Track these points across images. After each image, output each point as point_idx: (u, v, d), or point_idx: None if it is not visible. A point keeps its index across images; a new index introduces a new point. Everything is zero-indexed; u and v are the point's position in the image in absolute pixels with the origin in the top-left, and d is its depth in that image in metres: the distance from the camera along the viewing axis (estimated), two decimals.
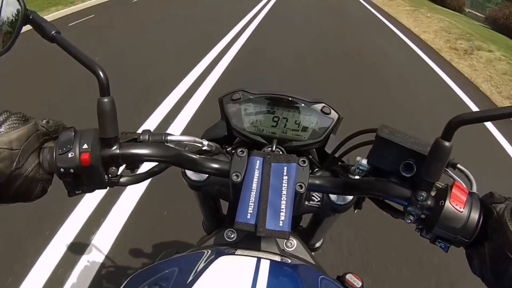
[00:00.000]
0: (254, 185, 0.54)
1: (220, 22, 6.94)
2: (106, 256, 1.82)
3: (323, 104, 0.67)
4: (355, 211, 0.71)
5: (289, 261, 0.59)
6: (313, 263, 0.65)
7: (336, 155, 0.65)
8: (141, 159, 0.54)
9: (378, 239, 2.13)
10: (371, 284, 1.83)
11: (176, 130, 2.99)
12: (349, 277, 0.81)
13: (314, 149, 0.73)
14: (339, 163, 0.65)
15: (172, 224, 2.04)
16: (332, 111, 0.67)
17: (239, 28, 6.66)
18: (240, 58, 5.08)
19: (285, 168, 0.55)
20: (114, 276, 1.73)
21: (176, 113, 3.32)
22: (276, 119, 0.67)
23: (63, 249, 1.85)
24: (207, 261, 0.52)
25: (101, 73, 0.49)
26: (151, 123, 3.10)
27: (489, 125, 4.05)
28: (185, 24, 6.54)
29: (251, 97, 0.67)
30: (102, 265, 1.77)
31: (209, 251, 0.59)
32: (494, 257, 0.45)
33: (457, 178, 0.54)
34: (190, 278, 0.48)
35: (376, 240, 2.13)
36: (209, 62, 4.74)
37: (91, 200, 2.15)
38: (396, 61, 6.16)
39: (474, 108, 4.55)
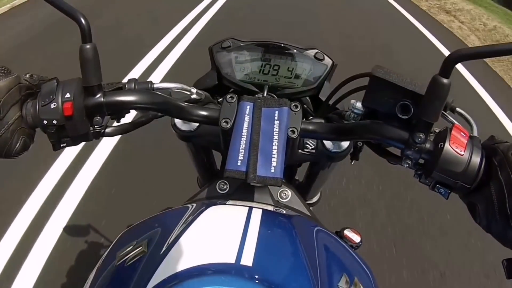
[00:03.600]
0: (245, 131, 0.52)
1: None
2: None
3: (316, 50, 0.65)
4: (352, 163, 0.70)
5: (284, 211, 0.58)
6: (309, 214, 0.64)
7: (331, 102, 0.63)
8: (127, 107, 0.51)
9: None
10: None
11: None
12: (347, 232, 0.80)
13: (308, 97, 0.70)
14: (334, 110, 0.63)
15: None
16: (326, 57, 0.65)
17: None
18: None
19: (276, 112, 0.53)
20: None
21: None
22: (268, 66, 0.65)
23: None
24: (197, 212, 0.51)
25: (82, 20, 0.47)
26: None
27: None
28: None
29: (241, 44, 0.65)
30: None
31: (200, 203, 0.58)
32: (503, 196, 0.42)
33: (455, 122, 0.52)
34: (181, 228, 0.47)
35: None
36: None
37: None
38: None
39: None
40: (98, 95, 0.50)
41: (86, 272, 0.54)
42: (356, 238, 0.80)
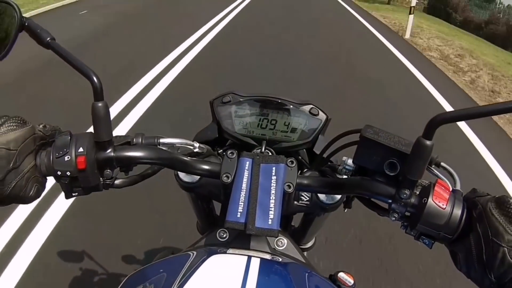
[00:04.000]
0: (244, 185, 0.55)
1: None
2: None
3: (311, 106, 0.68)
4: (345, 210, 0.73)
5: (280, 259, 0.61)
6: (304, 261, 0.67)
7: (325, 155, 0.67)
8: (135, 161, 0.55)
9: None
10: None
11: None
12: (341, 275, 0.82)
13: (304, 150, 0.75)
14: (328, 163, 0.67)
15: None
16: (320, 112, 0.69)
17: None
18: None
19: (274, 168, 0.56)
20: None
21: None
22: (265, 121, 0.69)
23: None
24: (199, 260, 0.53)
25: (95, 79, 0.50)
26: None
27: None
28: None
29: (241, 99, 0.68)
30: None
31: (202, 251, 0.61)
32: (480, 247, 0.46)
33: (441, 176, 0.56)
34: (183, 277, 0.50)
35: None
36: None
37: None
38: None
39: None
40: (109, 150, 0.54)
41: None
42: (350, 281, 0.82)
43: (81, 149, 0.51)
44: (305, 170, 0.69)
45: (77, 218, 2.14)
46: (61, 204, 2.20)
